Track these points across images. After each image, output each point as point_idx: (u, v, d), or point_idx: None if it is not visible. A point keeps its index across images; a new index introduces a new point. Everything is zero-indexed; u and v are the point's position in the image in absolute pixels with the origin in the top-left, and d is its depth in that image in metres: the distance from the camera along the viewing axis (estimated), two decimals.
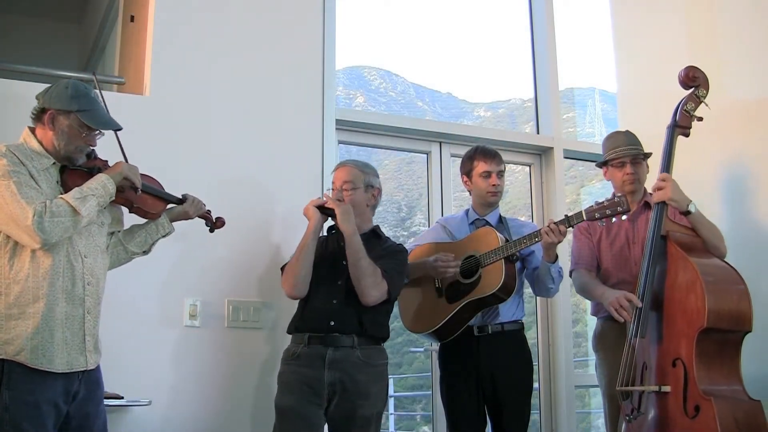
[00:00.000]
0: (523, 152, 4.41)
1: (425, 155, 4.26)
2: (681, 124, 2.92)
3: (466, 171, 3.27)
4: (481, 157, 3.22)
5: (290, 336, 2.94)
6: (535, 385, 3.92)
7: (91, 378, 2.37)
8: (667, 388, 2.60)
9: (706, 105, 2.94)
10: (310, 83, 3.71)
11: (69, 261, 2.31)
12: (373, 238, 2.98)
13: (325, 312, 2.83)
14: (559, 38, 4.58)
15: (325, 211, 2.90)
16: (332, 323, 2.81)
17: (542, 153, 4.43)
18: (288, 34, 3.72)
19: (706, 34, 3.82)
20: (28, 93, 3.15)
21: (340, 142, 3.93)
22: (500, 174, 3.22)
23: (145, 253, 2.67)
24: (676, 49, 3.96)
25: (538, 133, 4.51)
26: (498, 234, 3.04)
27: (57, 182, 2.36)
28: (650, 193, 3.01)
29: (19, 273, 2.24)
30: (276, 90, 3.62)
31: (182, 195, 2.72)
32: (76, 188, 2.31)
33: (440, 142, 4.23)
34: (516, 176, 6.61)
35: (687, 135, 2.94)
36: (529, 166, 4.46)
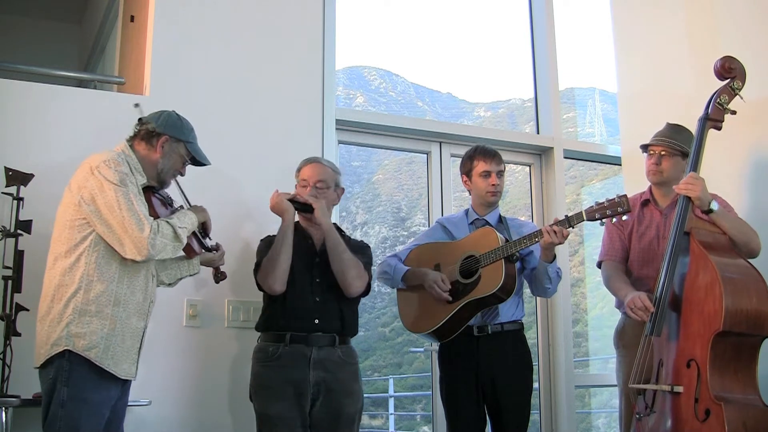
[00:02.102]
0: (523, 152, 4.41)
1: (425, 155, 4.26)
2: (713, 117, 2.81)
3: (466, 171, 3.26)
4: (481, 156, 3.22)
5: None
6: (535, 385, 3.92)
7: (127, 382, 2.49)
8: (679, 389, 2.56)
9: (741, 98, 2.82)
10: (310, 83, 3.71)
11: (146, 278, 2.46)
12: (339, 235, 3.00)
13: (309, 310, 2.83)
14: (559, 38, 4.58)
15: (297, 205, 2.91)
16: (317, 321, 2.81)
17: (542, 153, 4.43)
18: (288, 34, 3.72)
19: (707, 34, 3.82)
20: (28, 93, 3.17)
21: (340, 142, 3.93)
22: (500, 174, 3.22)
23: (171, 285, 2.80)
24: (676, 48, 3.97)
25: (538, 133, 4.51)
26: (498, 234, 3.04)
27: None
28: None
29: (105, 274, 2.33)
30: (276, 90, 3.62)
31: (215, 244, 2.85)
32: (176, 218, 2.47)
33: (440, 142, 4.23)
34: (516, 176, 6.61)
35: (719, 128, 2.83)
36: (529, 166, 4.46)
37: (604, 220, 2.82)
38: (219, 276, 2.93)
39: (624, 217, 2.81)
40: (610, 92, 4.77)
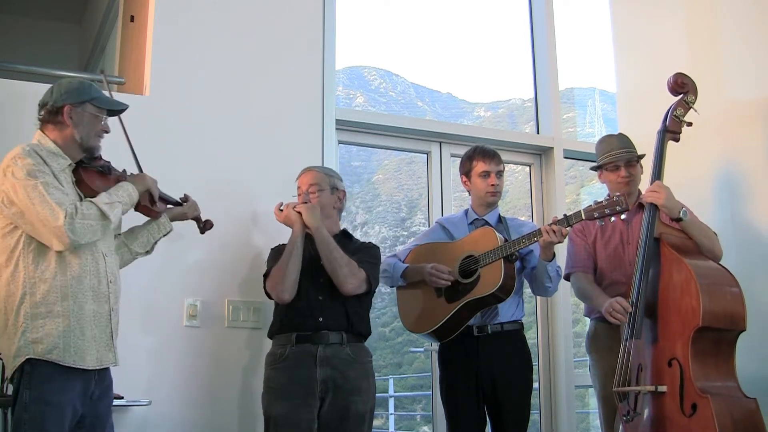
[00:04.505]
0: (523, 152, 4.41)
1: (425, 155, 4.26)
2: (671, 129, 2.98)
3: (465, 171, 3.27)
4: (480, 157, 3.22)
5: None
6: (535, 385, 3.92)
7: (105, 379, 2.41)
8: (663, 388, 2.62)
9: (695, 111, 2.99)
10: (310, 83, 3.71)
11: (94, 260, 2.35)
12: (344, 238, 3.03)
13: (313, 309, 2.84)
14: (559, 38, 4.58)
15: None
16: (321, 320, 2.83)
17: (542, 153, 4.43)
18: (288, 34, 3.72)
19: (707, 34, 3.82)
20: (28, 93, 3.16)
21: (340, 142, 3.93)
22: (499, 174, 3.22)
23: (148, 252, 2.72)
24: (676, 49, 3.97)
25: (538, 133, 4.51)
26: (497, 234, 3.04)
27: (73, 183, 2.39)
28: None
29: (45, 272, 2.26)
30: (276, 90, 3.62)
31: (182, 196, 2.78)
32: (105, 194, 2.36)
33: (440, 142, 4.23)
34: (516, 176, 6.62)
35: (677, 140, 2.99)
36: (529, 166, 4.46)
37: (602, 220, 2.84)
38: (204, 226, 2.87)
39: (622, 216, 2.83)
40: (610, 92, 4.77)
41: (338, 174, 3.17)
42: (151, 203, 2.58)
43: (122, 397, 2.81)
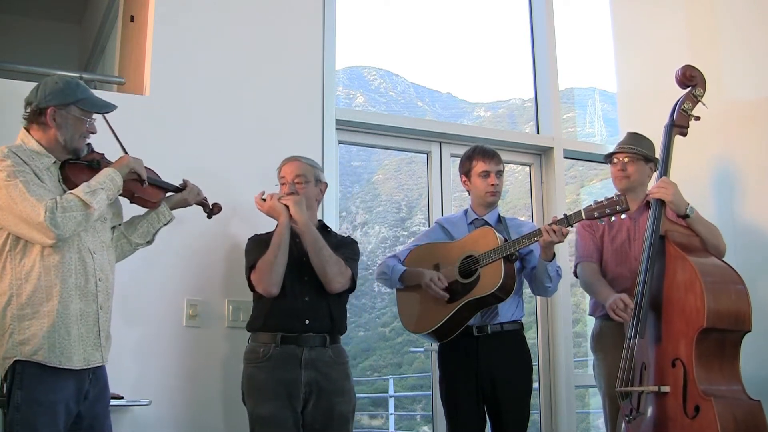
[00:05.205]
0: (523, 152, 4.41)
1: (425, 155, 4.26)
2: (678, 124, 2.95)
3: (465, 171, 3.27)
4: (480, 156, 3.22)
5: None
6: (535, 385, 3.92)
7: (100, 380, 2.40)
8: (666, 389, 2.61)
9: (704, 104, 2.96)
10: (310, 83, 3.71)
11: (81, 257, 2.33)
12: (323, 231, 2.99)
13: (299, 310, 2.82)
14: (559, 38, 4.58)
15: None
16: (307, 322, 2.81)
17: (542, 153, 4.43)
18: (288, 34, 3.73)
19: (706, 34, 3.82)
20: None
21: (340, 142, 3.94)
22: (499, 174, 3.22)
23: (149, 243, 2.68)
24: (676, 48, 3.97)
25: (538, 133, 4.51)
26: (497, 234, 3.04)
27: (59, 180, 2.37)
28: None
29: (31, 273, 2.25)
30: (276, 90, 3.62)
31: (181, 182, 2.75)
32: (85, 183, 2.32)
33: (440, 142, 4.23)
34: (516, 176, 6.62)
35: (684, 134, 2.97)
36: (529, 166, 4.47)
37: (603, 219, 2.84)
38: (212, 210, 2.85)
39: (623, 216, 2.83)
40: (610, 92, 4.78)
41: (320, 165, 3.16)
42: (141, 183, 2.52)
43: (122, 397, 2.82)
